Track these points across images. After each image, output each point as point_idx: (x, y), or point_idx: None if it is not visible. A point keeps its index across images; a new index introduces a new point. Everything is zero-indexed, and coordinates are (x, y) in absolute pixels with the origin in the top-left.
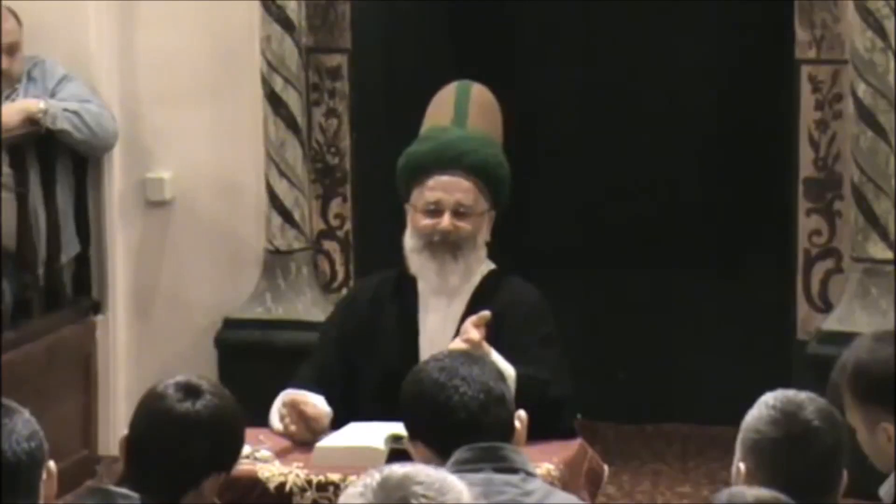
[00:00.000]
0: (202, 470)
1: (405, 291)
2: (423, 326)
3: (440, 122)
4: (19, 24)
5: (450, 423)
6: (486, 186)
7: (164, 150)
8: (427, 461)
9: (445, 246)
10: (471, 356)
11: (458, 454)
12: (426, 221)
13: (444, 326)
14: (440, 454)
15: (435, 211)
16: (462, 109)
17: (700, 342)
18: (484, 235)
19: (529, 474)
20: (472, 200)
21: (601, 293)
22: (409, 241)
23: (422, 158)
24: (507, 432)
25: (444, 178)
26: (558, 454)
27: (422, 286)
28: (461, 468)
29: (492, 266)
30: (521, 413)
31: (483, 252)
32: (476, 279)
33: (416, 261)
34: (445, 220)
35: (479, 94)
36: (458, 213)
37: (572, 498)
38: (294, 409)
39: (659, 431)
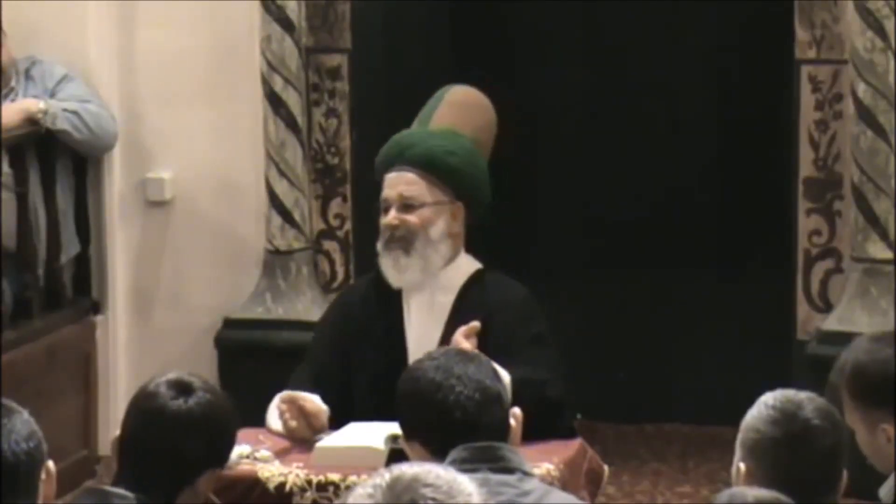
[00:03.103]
0: (197, 467)
1: (391, 292)
2: (409, 326)
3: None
4: None
5: (446, 423)
6: (437, 177)
7: (164, 150)
8: (423, 461)
9: (395, 241)
10: (466, 354)
11: (455, 454)
12: (381, 220)
13: (430, 326)
14: (437, 454)
15: (385, 208)
16: (429, 110)
17: (700, 342)
18: (442, 227)
19: (526, 474)
20: (418, 192)
21: (601, 293)
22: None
23: (377, 163)
24: (504, 432)
25: (389, 175)
26: (558, 454)
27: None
28: (458, 468)
29: (477, 265)
30: (516, 410)
31: (446, 245)
32: (460, 279)
33: (380, 260)
34: (389, 215)
35: (456, 93)
36: (405, 206)
37: (570, 497)
38: (293, 404)
39: (659, 431)
